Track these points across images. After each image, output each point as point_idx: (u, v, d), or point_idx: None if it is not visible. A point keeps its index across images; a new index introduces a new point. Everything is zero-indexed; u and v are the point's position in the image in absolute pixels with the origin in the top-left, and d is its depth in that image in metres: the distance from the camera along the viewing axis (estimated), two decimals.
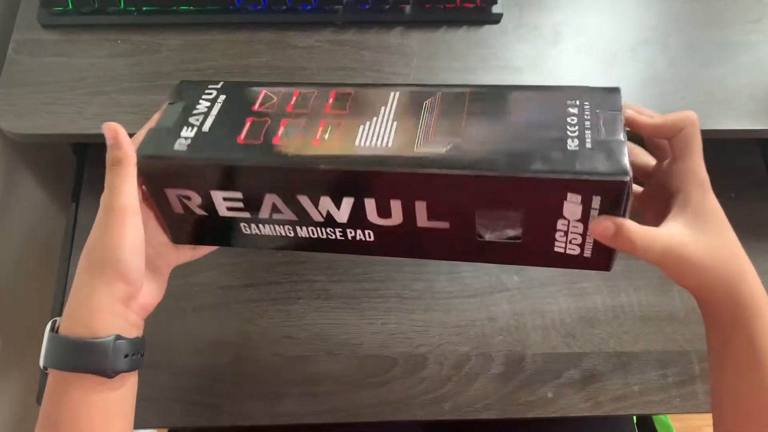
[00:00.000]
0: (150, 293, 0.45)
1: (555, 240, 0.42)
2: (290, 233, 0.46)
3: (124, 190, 0.41)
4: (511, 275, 0.66)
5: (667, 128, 0.43)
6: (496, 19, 0.65)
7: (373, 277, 0.65)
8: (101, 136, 0.60)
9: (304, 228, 0.45)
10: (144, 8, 0.64)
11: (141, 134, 0.45)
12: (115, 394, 0.42)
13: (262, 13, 0.65)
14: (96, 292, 0.41)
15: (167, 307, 0.62)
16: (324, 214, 0.44)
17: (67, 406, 0.41)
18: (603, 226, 0.39)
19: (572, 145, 0.39)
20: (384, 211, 0.43)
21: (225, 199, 0.44)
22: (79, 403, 0.41)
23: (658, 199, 0.45)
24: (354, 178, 0.42)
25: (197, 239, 0.49)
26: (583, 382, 0.61)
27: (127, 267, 0.41)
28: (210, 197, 0.44)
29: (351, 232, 0.45)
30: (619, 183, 0.38)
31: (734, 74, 0.63)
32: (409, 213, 0.42)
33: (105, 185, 0.42)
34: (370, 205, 0.43)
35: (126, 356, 0.42)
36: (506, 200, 0.40)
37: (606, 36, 0.65)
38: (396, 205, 0.42)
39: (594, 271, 0.65)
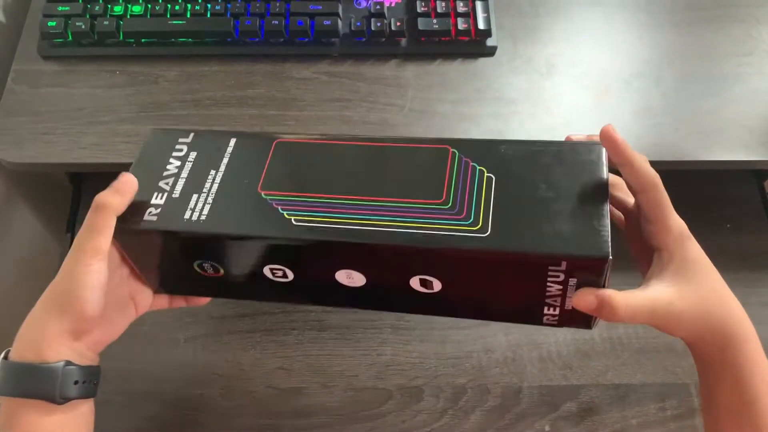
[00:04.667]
0: (106, 331, 0.45)
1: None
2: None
3: (101, 235, 0.41)
4: None
5: (632, 181, 0.42)
6: (490, 51, 0.66)
7: None
8: (97, 165, 0.61)
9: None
10: (143, 40, 0.65)
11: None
12: (65, 422, 0.41)
13: (259, 45, 0.66)
14: (48, 322, 0.41)
15: (160, 337, 0.62)
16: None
17: None
18: (585, 300, 0.38)
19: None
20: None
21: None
22: (27, 430, 0.40)
23: (639, 235, 0.44)
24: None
25: (175, 289, 0.49)
26: (580, 415, 0.60)
27: (83, 306, 0.41)
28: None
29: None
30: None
31: (727, 106, 0.64)
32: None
33: (84, 223, 0.41)
34: None
35: (76, 383, 0.41)
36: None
37: (600, 68, 0.66)
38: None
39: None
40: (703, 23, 0.68)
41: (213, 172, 0.44)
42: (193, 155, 0.45)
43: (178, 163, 0.45)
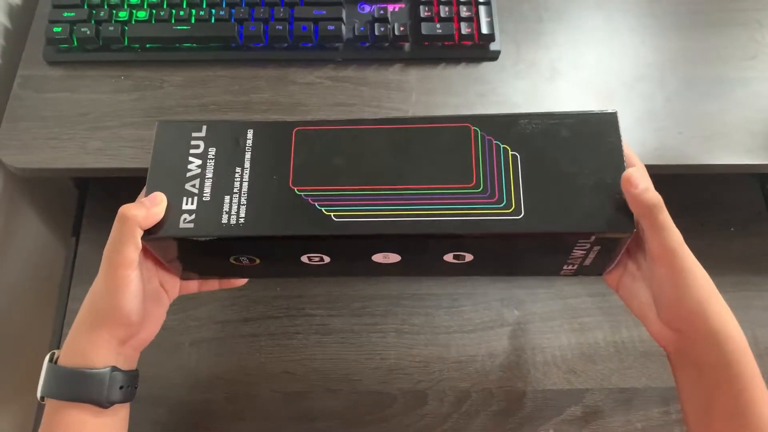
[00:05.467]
0: (149, 329, 0.46)
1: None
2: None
3: (129, 246, 0.42)
4: (511, 310, 0.65)
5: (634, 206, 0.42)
6: (494, 56, 0.66)
7: (373, 312, 0.65)
8: (103, 171, 0.61)
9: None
10: (147, 45, 0.65)
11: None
12: (108, 425, 0.44)
13: (263, 50, 0.66)
14: (97, 330, 0.43)
15: (165, 341, 0.63)
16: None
17: None
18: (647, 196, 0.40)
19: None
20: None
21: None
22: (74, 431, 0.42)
23: None
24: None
25: (205, 275, 0.50)
26: (584, 419, 0.60)
27: (128, 316, 0.43)
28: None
29: None
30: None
31: (731, 110, 0.64)
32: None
33: (110, 235, 0.42)
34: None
35: (121, 387, 0.43)
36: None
37: (603, 72, 0.66)
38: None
39: (594, 306, 0.65)
40: (706, 27, 0.68)
41: (239, 169, 0.44)
42: (212, 151, 0.45)
43: (199, 161, 0.45)
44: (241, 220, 0.43)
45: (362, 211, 0.42)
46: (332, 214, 0.42)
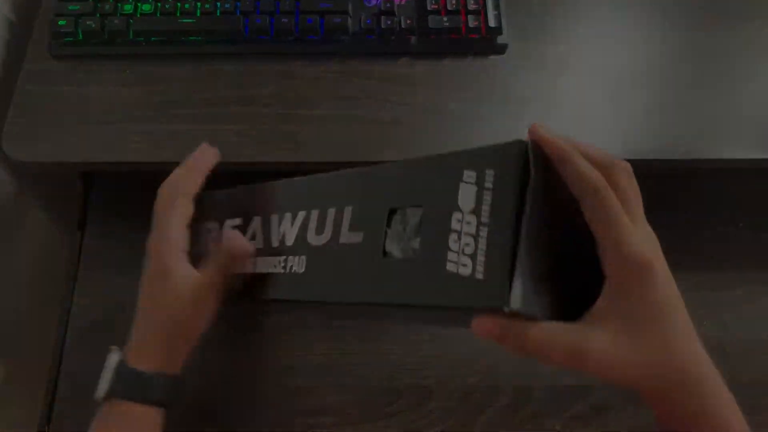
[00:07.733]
0: None
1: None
2: None
3: (216, 302, 0.46)
4: None
5: (571, 187, 0.33)
6: (500, 49, 0.66)
7: None
8: (109, 164, 0.61)
9: None
10: (153, 38, 0.65)
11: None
12: (159, 423, 0.46)
13: (269, 43, 0.65)
14: (175, 340, 0.46)
15: None
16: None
17: None
18: (484, 327, 0.33)
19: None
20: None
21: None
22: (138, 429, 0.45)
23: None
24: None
25: None
26: (592, 415, 0.60)
27: (201, 333, 0.47)
28: None
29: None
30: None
31: (740, 104, 0.63)
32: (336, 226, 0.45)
33: (217, 262, 0.46)
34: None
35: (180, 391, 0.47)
36: None
37: (611, 65, 0.66)
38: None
39: None
40: (717, 20, 0.67)
41: None
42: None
43: None
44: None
45: None
46: None
